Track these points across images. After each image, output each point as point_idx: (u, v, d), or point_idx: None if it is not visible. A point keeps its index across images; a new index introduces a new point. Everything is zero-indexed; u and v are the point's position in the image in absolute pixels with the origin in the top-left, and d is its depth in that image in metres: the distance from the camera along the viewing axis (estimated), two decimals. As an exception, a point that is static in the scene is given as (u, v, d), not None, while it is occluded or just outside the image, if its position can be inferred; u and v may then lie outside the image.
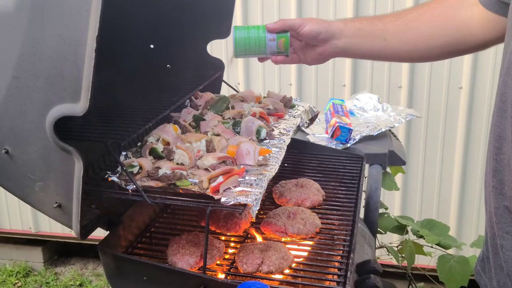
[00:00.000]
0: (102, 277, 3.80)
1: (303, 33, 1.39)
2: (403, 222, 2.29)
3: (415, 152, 3.16)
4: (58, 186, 1.16)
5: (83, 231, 1.19)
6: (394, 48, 1.37)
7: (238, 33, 1.43)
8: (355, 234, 1.42)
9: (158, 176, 1.28)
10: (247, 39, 1.42)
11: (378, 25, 1.38)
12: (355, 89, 3.08)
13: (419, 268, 2.50)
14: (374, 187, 2.04)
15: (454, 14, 1.31)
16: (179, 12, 1.76)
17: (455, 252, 2.80)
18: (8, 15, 1.09)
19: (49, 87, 1.07)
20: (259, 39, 1.41)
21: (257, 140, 1.55)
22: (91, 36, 0.99)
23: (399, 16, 1.38)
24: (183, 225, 1.56)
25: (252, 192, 1.22)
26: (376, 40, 1.37)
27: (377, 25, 1.38)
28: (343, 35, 1.38)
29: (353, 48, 1.40)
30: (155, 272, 1.26)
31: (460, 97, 3.00)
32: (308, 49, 1.44)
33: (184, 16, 1.77)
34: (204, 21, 1.82)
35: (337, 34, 1.38)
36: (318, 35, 1.38)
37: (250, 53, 1.44)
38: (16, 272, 3.89)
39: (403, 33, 1.35)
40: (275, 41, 1.41)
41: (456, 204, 3.18)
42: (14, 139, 1.16)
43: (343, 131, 2.12)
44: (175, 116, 1.65)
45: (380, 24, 1.39)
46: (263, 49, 1.43)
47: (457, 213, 3.20)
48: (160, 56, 1.88)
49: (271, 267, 1.26)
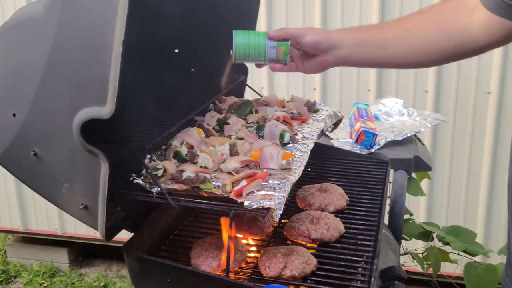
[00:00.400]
0: (125, 279, 3.83)
1: (304, 42, 1.39)
2: (429, 229, 2.26)
3: (441, 158, 3.12)
4: (85, 188, 1.17)
5: (108, 232, 1.20)
6: (395, 56, 1.37)
7: (239, 38, 1.42)
8: (379, 239, 1.41)
9: (182, 179, 1.29)
10: (247, 45, 1.41)
11: (377, 34, 1.39)
12: (380, 93, 3.05)
13: (445, 276, 2.47)
14: (399, 192, 2.02)
15: (453, 20, 1.30)
16: (204, 17, 1.77)
17: (482, 259, 2.74)
18: (38, 20, 1.11)
19: (76, 90, 1.09)
20: (259, 46, 1.41)
21: (280, 144, 1.55)
22: (117, 40, 1.01)
23: (398, 24, 1.39)
24: (206, 228, 1.56)
25: (275, 196, 1.22)
26: (376, 49, 1.37)
27: (376, 34, 1.39)
28: (343, 45, 1.38)
29: (354, 57, 1.41)
30: (179, 274, 1.27)
31: (489, 102, 2.95)
32: (307, 59, 1.44)
33: (208, 20, 1.78)
34: (228, 26, 1.82)
35: (338, 44, 1.38)
36: (319, 45, 1.38)
37: (249, 59, 1.44)
38: (43, 272, 3.95)
39: (403, 41, 1.35)
40: (275, 49, 1.41)
41: (484, 210, 3.13)
42: (43, 142, 1.18)
43: (367, 136, 2.11)
44: (199, 119, 1.66)
45: (379, 33, 1.39)
46: (263, 56, 1.42)
47: (485, 219, 3.14)
48: (185, 61, 1.90)
49: (293, 272, 1.26)
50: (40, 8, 1.12)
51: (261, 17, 3.03)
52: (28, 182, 1.26)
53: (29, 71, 1.14)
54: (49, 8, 1.10)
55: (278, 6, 3.10)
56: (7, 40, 1.19)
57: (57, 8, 1.08)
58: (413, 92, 3.04)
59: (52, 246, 4.04)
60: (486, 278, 2.12)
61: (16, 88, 1.18)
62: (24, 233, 4.04)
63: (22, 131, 1.19)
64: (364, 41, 1.38)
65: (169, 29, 1.68)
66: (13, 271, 4.02)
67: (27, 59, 1.15)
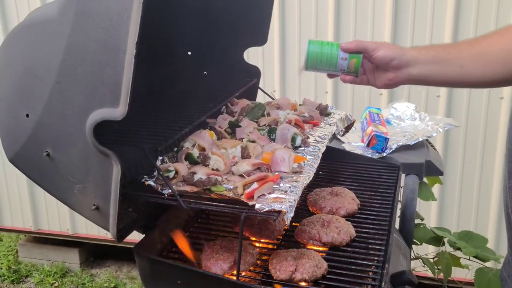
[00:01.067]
0: (136, 280, 3.84)
1: (376, 56, 1.38)
2: (440, 234, 2.25)
3: (453, 163, 3.10)
4: (97, 189, 1.18)
5: (119, 233, 1.21)
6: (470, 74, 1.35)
7: (312, 47, 1.42)
8: (390, 244, 1.40)
9: (194, 181, 1.29)
10: (320, 54, 1.42)
11: (452, 52, 1.36)
12: (392, 98, 3.04)
13: (456, 281, 2.45)
14: (410, 197, 2.01)
15: None
16: (217, 20, 1.77)
17: (494, 265, 2.72)
18: (53, 22, 1.12)
19: (90, 91, 1.10)
20: (332, 56, 1.41)
21: (292, 147, 1.55)
22: (131, 42, 1.01)
23: (473, 42, 1.36)
24: (217, 231, 1.56)
25: (286, 199, 1.22)
26: (451, 67, 1.35)
27: (451, 52, 1.36)
28: (417, 62, 1.37)
29: (428, 75, 1.38)
30: (189, 276, 1.27)
31: (501, 107, 2.93)
32: (379, 73, 1.43)
33: (221, 23, 1.79)
34: (241, 29, 1.83)
35: (411, 62, 1.36)
36: (391, 61, 1.37)
37: (319, 68, 1.44)
38: (54, 272, 3.97)
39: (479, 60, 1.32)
40: (346, 60, 1.41)
41: (495, 216, 3.10)
42: (56, 142, 1.19)
43: (379, 140, 2.10)
44: (211, 122, 1.67)
45: (453, 51, 1.37)
46: (334, 67, 1.43)
47: (496, 225, 3.11)
48: (197, 63, 1.90)
49: (304, 275, 1.25)
50: (54, 9, 1.12)
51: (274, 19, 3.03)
52: (41, 182, 1.27)
53: (43, 72, 1.15)
54: (63, 10, 1.11)
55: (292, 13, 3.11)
56: (22, 41, 1.20)
57: (71, 10, 1.09)
58: (425, 97, 3.03)
59: (63, 246, 4.06)
60: (497, 283, 2.09)
61: (30, 89, 1.18)
62: (36, 233, 4.06)
63: (35, 132, 1.20)
64: (439, 58, 1.36)
65: (182, 31, 1.68)
66: (25, 270, 4.04)
67: (41, 60, 1.16)
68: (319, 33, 3.08)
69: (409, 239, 1.98)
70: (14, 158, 1.27)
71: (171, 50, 1.72)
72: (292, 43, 3.15)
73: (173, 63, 1.75)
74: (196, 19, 1.71)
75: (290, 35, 3.14)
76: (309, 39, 1.44)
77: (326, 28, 3.05)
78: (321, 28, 3.07)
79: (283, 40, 3.15)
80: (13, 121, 1.23)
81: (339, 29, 3.04)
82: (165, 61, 1.68)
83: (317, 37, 3.03)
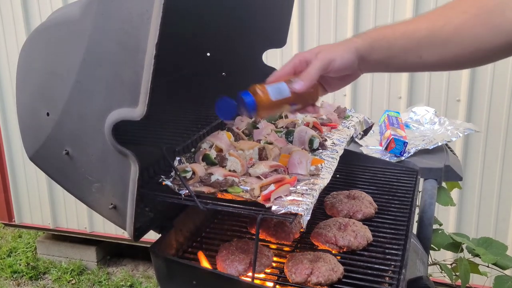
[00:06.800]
0: (152, 279, 3.87)
1: (336, 70, 1.26)
2: (458, 239, 2.22)
3: (473, 168, 3.06)
4: (114, 188, 1.19)
5: (136, 233, 1.21)
6: (430, 62, 1.23)
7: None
8: (407, 249, 1.39)
9: (210, 182, 1.29)
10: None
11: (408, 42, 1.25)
12: (411, 101, 3.02)
13: (474, 288, 2.42)
14: (428, 202, 2.00)
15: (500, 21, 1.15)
16: (236, 21, 1.78)
17: (513, 273, 2.69)
18: (74, 22, 1.13)
19: (109, 91, 1.11)
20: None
21: (309, 149, 1.55)
22: (151, 43, 1.02)
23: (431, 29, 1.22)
24: (233, 232, 1.57)
25: (303, 201, 1.21)
26: (409, 58, 1.24)
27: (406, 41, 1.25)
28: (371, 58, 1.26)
29: (381, 68, 1.30)
30: (205, 276, 1.27)
31: (523, 112, 2.90)
32: (332, 81, 1.34)
33: (241, 25, 1.79)
34: (260, 31, 1.83)
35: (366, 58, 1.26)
36: (351, 67, 1.26)
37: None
38: (71, 270, 4.02)
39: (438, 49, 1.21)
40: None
41: (515, 223, 3.06)
42: (75, 141, 1.20)
43: (397, 144, 2.09)
44: (229, 123, 1.67)
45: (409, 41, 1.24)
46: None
47: (516, 232, 3.07)
48: (216, 64, 1.91)
49: (320, 278, 1.25)
50: (76, 10, 1.14)
51: (294, 21, 3.03)
52: (60, 181, 1.28)
53: (64, 72, 1.16)
54: (85, 10, 1.12)
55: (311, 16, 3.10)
56: (43, 41, 1.22)
57: (93, 10, 1.10)
58: (445, 101, 3.00)
59: (81, 244, 4.11)
60: (517, 292, 2.07)
61: (51, 88, 1.20)
62: (54, 231, 4.11)
63: (55, 130, 1.21)
64: (394, 51, 1.24)
65: (202, 33, 1.69)
66: (43, 267, 4.10)
67: (62, 60, 1.17)
68: (338, 36, 3.07)
69: (427, 245, 1.96)
70: (34, 156, 1.28)
71: (190, 51, 1.73)
72: (311, 45, 3.14)
73: (193, 64, 1.76)
74: (216, 21, 1.72)
75: (308, 37, 3.14)
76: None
77: (345, 31, 3.04)
78: (340, 31, 3.06)
79: (302, 42, 3.15)
80: (33, 120, 1.25)
81: (358, 32, 3.02)
82: (185, 62, 1.68)
83: (336, 40, 3.02)
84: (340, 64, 1.23)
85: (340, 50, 1.24)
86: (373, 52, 1.24)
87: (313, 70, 1.23)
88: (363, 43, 1.24)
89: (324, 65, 1.23)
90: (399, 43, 1.22)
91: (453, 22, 1.17)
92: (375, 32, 1.27)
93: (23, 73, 1.26)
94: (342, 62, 1.23)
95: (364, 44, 1.24)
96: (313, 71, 1.23)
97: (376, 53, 1.24)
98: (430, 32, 1.20)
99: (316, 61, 1.23)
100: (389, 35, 1.24)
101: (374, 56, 1.24)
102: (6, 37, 3.73)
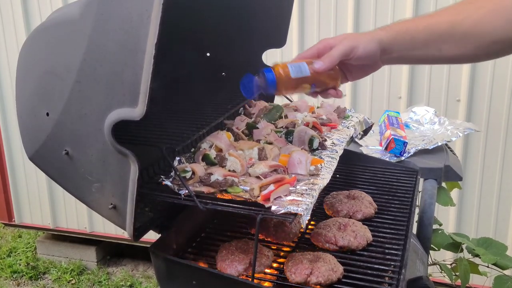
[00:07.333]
0: (151, 279, 3.87)
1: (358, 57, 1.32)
2: (458, 240, 2.22)
3: (473, 168, 3.06)
4: (114, 188, 1.19)
5: (136, 233, 1.21)
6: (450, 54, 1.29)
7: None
8: (407, 249, 1.39)
9: (210, 182, 1.29)
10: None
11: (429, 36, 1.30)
12: (411, 101, 3.02)
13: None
14: (428, 202, 2.00)
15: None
16: (236, 21, 1.78)
17: (513, 273, 2.69)
18: (74, 22, 1.13)
19: (109, 91, 1.11)
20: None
21: (309, 149, 1.55)
22: (150, 43, 1.02)
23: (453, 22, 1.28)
24: (233, 232, 1.57)
25: (303, 201, 1.21)
26: (430, 52, 1.31)
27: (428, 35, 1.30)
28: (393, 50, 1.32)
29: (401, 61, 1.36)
30: (204, 276, 1.27)
31: (523, 112, 2.90)
32: (354, 70, 1.41)
33: (241, 25, 1.79)
34: (260, 31, 1.83)
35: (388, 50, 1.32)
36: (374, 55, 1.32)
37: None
38: (71, 269, 4.02)
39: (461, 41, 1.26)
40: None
41: (515, 223, 3.06)
42: (74, 141, 1.20)
43: (397, 144, 2.09)
44: (229, 123, 1.67)
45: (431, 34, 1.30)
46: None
47: (516, 232, 3.07)
48: (216, 64, 1.91)
49: (319, 278, 1.25)
50: (76, 10, 1.14)
51: (293, 20, 3.03)
52: (59, 181, 1.29)
53: (63, 72, 1.16)
54: (85, 11, 1.12)
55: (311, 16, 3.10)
56: (43, 41, 1.22)
57: (92, 10, 1.10)
58: (445, 101, 3.00)
59: (81, 244, 4.11)
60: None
61: (51, 88, 1.20)
62: (54, 231, 4.11)
63: (54, 130, 1.21)
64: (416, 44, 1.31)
65: (202, 32, 1.69)
66: (42, 267, 4.10)
67: (62, 60, 1.17)
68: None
69: (427, 245, 1.96)
70: (34, 156, 1.28)
71: (190, 51, 1.73)
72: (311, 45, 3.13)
73: (192, 64, 1.76)
74: (215, 21, 1.72)
75: (308, 37, 3.14)
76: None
77: (345, 31, 3.04)
78: (340, 31, 3.06)
79: (301, 42, 3.15)
80: (33, 120, 1.25)
81: (358, 32, 3.02)
82: (184, 62, 1.68)
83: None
84: (363, 52, 1.30)
85: (364, 39, 1.30)
86: (396, 44, 1.30)
87: (335, 53, 1.30)
88: (387, 35, 1.30)
89: (347, 51, 1.30)
90: (422, 36, 1.28)
91: (472, 17, 1.23)
92: (398, 26, 1.33)
93: (23, 73, 1.26)
94: (364, 50, 1.30)
95: (388, 36, 1.30)
96: (335, 54, 1.31)
97: (399, 45, 1.30)
98: (451, 26, 1.26)
99: (340, 45, 1.31)
100: (412, 29, 1.30)
101: (396, 48, 1.30)
102: (6, 37, 3.73)
